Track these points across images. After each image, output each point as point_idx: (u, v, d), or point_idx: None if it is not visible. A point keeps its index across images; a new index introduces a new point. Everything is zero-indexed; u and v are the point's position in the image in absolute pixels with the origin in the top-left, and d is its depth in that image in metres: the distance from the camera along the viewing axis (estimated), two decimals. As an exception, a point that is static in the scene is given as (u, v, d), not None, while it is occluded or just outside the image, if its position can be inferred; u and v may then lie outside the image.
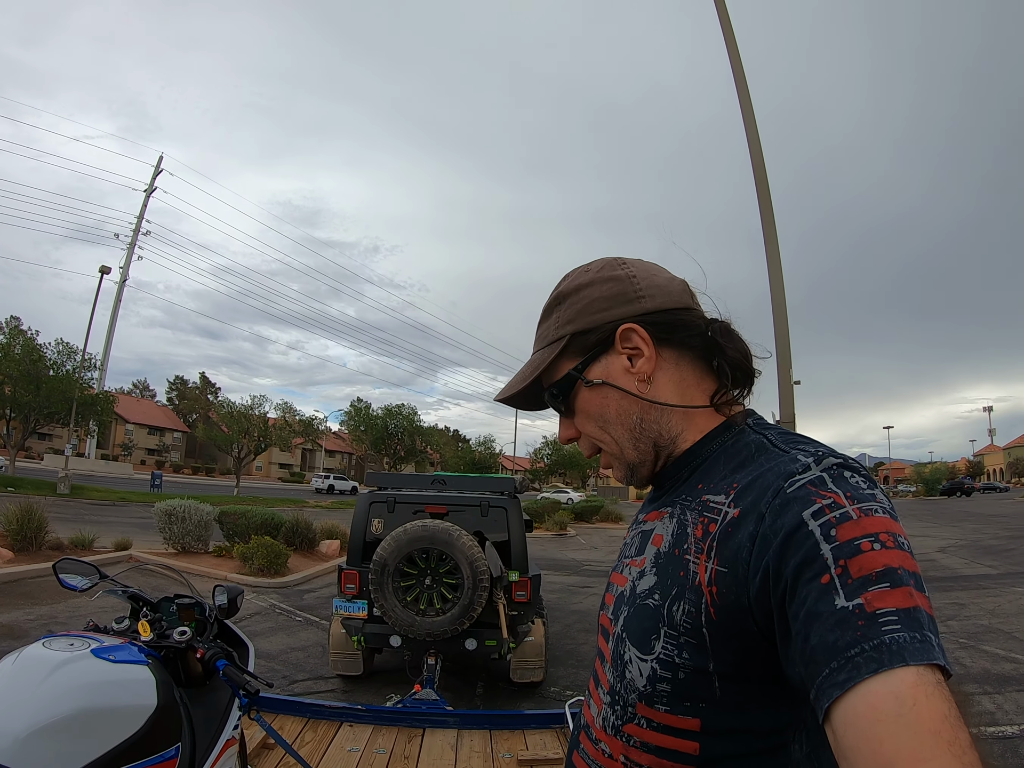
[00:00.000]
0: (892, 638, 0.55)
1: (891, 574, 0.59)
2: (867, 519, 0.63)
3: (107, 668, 1.48)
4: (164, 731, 1.50)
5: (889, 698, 0.52)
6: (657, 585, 0.80)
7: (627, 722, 0.79)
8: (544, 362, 0.90)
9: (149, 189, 50.83)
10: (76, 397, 27.59)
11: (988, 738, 4.63)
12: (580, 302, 0.89)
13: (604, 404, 0.89)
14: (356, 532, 5.55)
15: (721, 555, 0.72)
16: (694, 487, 0.84)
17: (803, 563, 0.62)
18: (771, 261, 7.47)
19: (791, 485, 0.68)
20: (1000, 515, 30.89)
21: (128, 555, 10.95)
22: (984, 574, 12.62)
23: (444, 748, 3.29)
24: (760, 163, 7.77)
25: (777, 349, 7.25)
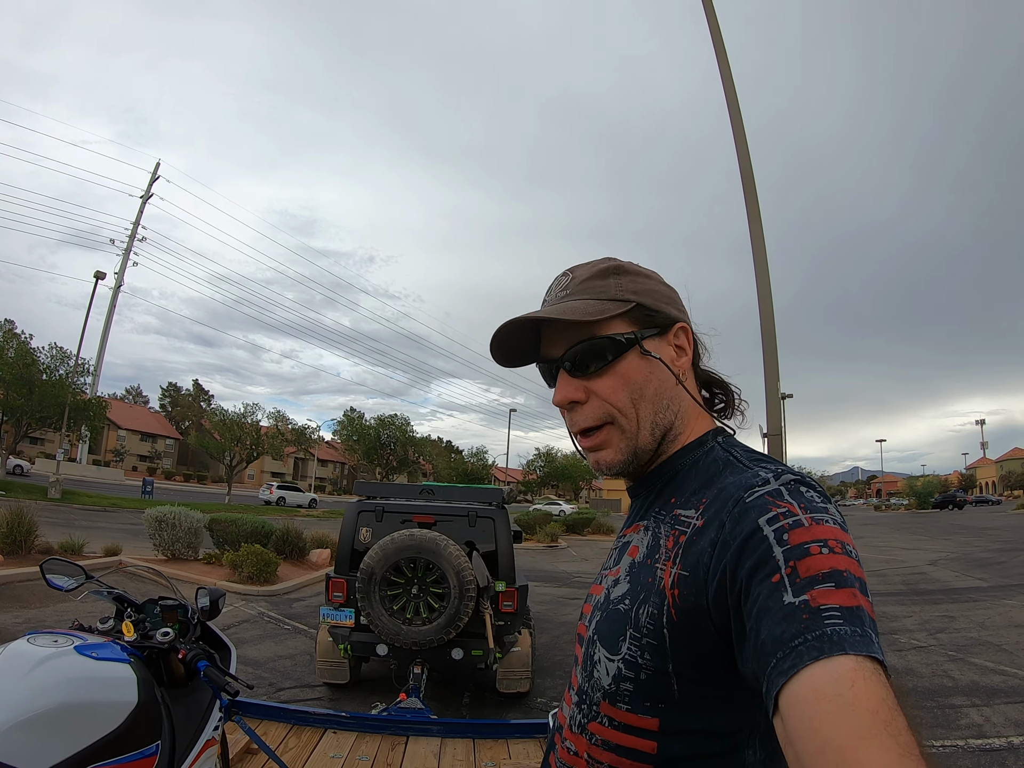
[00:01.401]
0: (834, 630, 0.58)
1: (837, 575, 0.62)
2: (818, 527, 0.67)
3: (89, 665, 1.50)
4: (144, 728, 1.52)
5: (828, 681, 0.55)
6: (629, 592, 0.84)
7: (591, 720, 0.83)
8: (611, 311, 0.88)
9: (146, 195, 50.78)
10: (68, 402, 27.47)
11: (975, 751, 4.64)
12: (645, 284, 0.93)
13: (648, 377, 0.89)
14: (344, 541, 5.55)
15: (685, 560, 0.76)
16: (667, 501, 0.88)
17: (757, 564, 0.66)
18: (759, 272, 7.49)
19: (750, 495, 0.73)
20: (992, 528, 30.91)
21: (118, 561, 10.87)
22: (975, 587, 12.66)
23: (427, 756, 3.29)
24: (749, 175, 7.81)
25: (765, 361, 7.29)
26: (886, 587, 13.00)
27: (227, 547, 11.60)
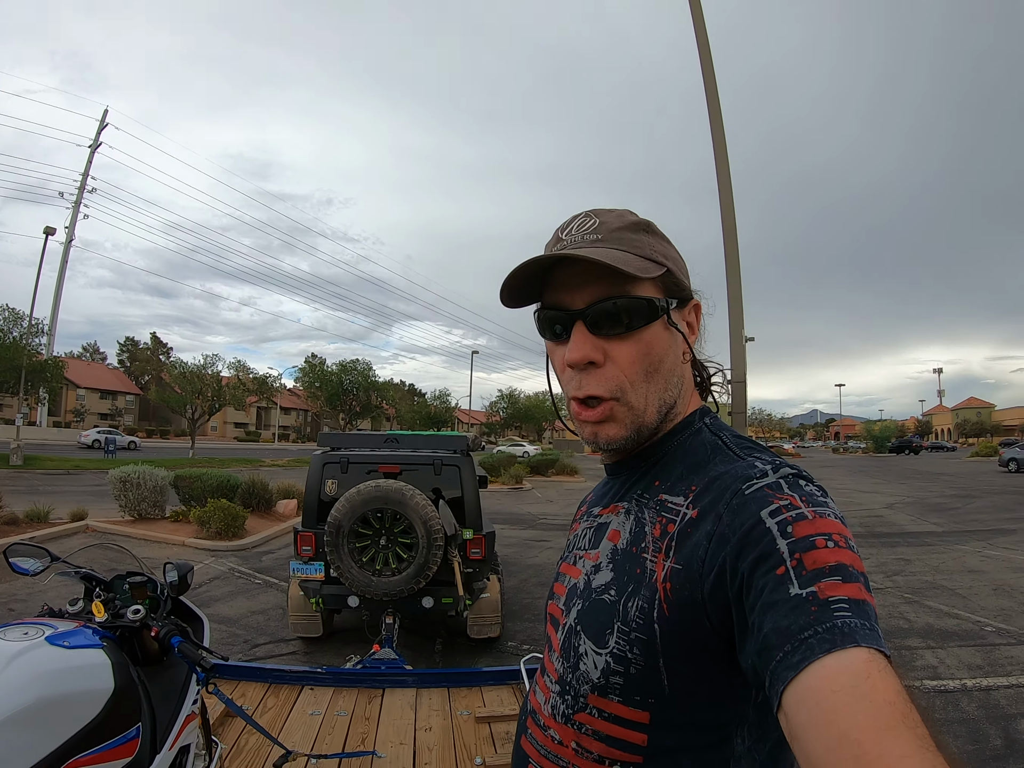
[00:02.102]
0: (844, 622, 0.57)
1: (843, 569, 0.61)
2: (821, 520, 0.66)
3: (63, 655, 1.48)
4: (123, 713, 1.52)
5: (843, 672, 0.54)
6: (614, 581, 0.81)
7: (579, 711, 0.81)
8: (649, 272, 0.81)
9: (94, 145, 48.70)
10: (24, 365, 26.75)
11: (930, 692, 4.84)
12: (671, 250, 0.88)
13: (667, 352, 0.85)
14: (310, 494, 5.53)
15: (679, 553, 0.74)
16: (651, 484, 0.86)
17: (760, 557, 0.64)
18: (725, 215, 7.45)
19: (749, 488, 0.71)
20: (946, 474, 31.89)
21: (84, 525, 10.75)
22: (929, 531, 13.01)
23: (404, 708, 3.35)
24: (717, 115, 7.67)
25: (730, 305, 7.27)
26: (844, 529, 13.42)
27: (193, 503, 11.49)
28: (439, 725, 3.18)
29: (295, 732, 3.03)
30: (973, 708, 4.55)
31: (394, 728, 3.13)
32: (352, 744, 2.97)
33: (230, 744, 2.84)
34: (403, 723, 3.19)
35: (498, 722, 3.19)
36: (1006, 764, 3.78)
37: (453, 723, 3.20)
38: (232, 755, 2.76)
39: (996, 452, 41.82)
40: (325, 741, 2.98)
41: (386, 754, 2.88)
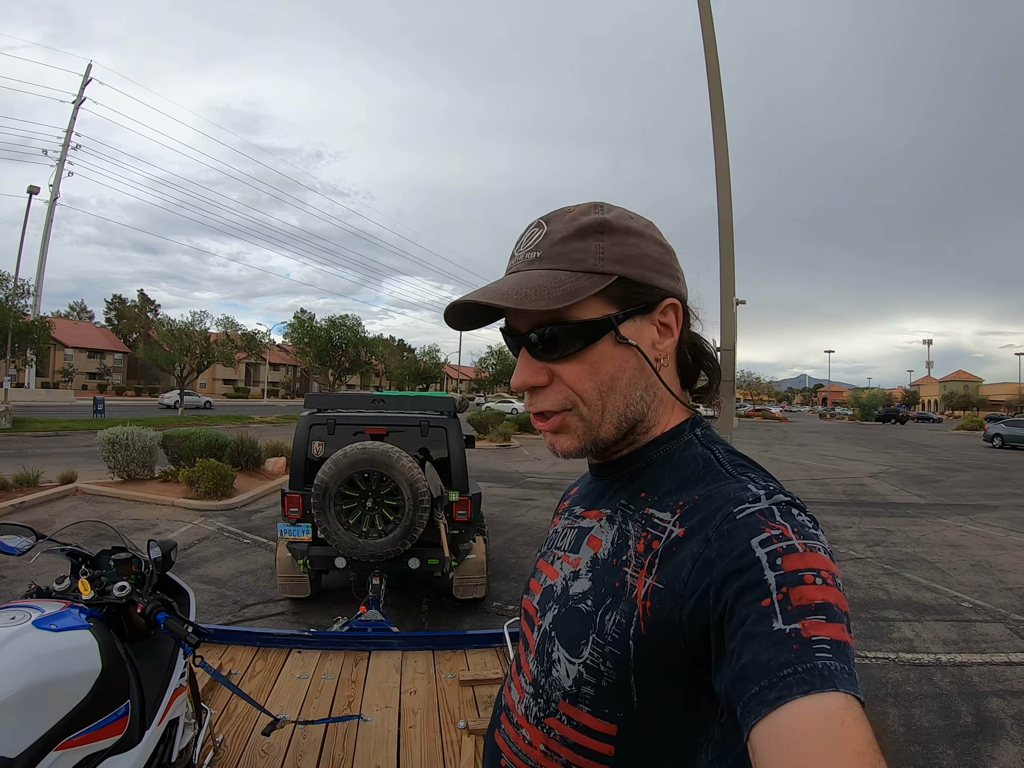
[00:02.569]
0: (825, 664, 0.56)
1: (828, 609, 0.60)
2: (811, 555, 0.64)
3: (50, 639, 1.49)
4: (112, 691, 1.54)
5: (819, 716, 0.53)
6: (591, 591, 0.80)
7: (549, 715, 0.81)
8: (582, 291, 0.76)
9: (78, 100, 47.73)
10: (11, 327, 26.47)
11: (905, 665, 4.91)
12: (632, 248, 0.80)
13: (622, 368, 0.80)
14: (297, 455, 5.54)
15: (661, 571, 0.72)
16: (637, 495, 0.83)
17: (746, 586, 0.63)
18: (720, 177, 7.31)
19: (740, 512, 0.69)
20: (931, 446, 32.13)
21: (74, 488, 10.77)
22: (912, 503, 13.12)
23: (389, 670, 3.39)
24: (716, 78, 7.53)
25: (721, 270, 7.19)
26: (828, 496, 13.61)
27: (182, 463, 11.52)
28: (424, 688, 3.22)
29: (283, 696, 3.07)
30: (946, 683, 4.63)
31: (379, 691, 3.17)
32: (339, 707, 3.00)
33: (220, 709, 2.86)
34: (388, 686, 3.22)
35: (481, 685, 3.23)
36: (975, 741, 3.85)
37: (437, 686, 3.24)
38: (222, 720, 2.79)
39: (981, 426, 42.28)
40: (312, 705, 3.01)
41: (372, 718, 2.91)
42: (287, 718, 2.70)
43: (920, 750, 3.74)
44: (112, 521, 8.99)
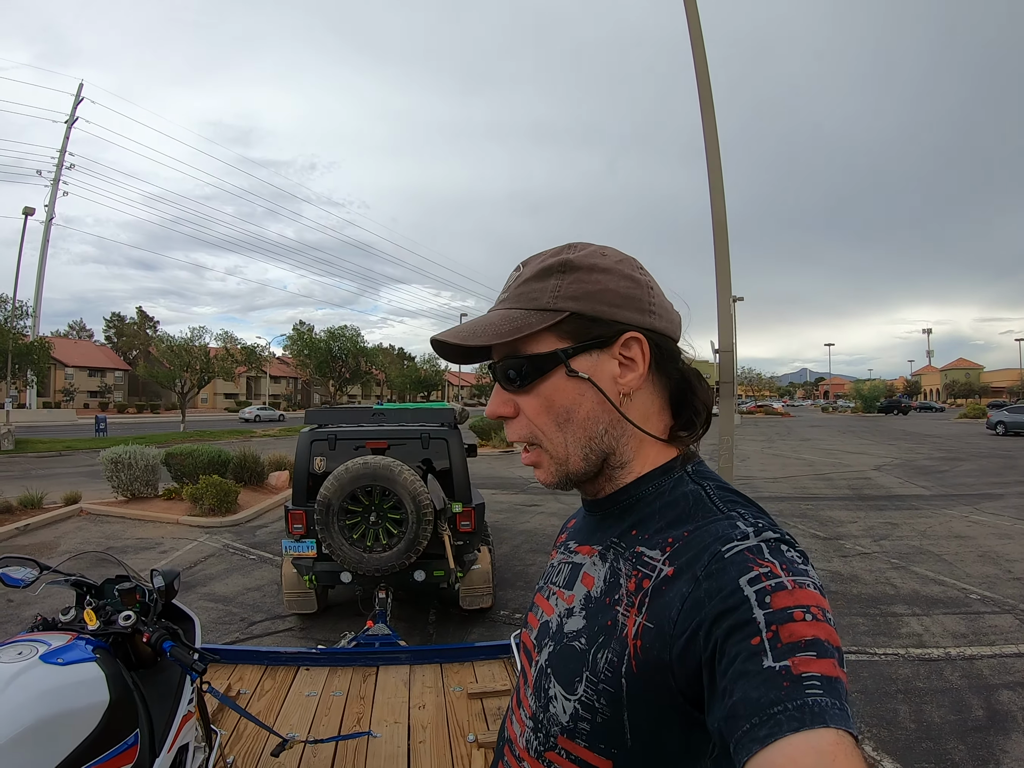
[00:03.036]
0: (815, 701, 0.56)
1: (819, 644, 0.60)
2: (801, 591, 0.64)
3: (58, 673, 1.51)
4: (121, 722, 1.55)
5: (809, 752, 0.53)
6: (585, 629, 0.81)
7: (549, 749, 0.81)
8: (530, 327, 0.80)
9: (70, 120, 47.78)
10: (10, 348, 26.47)
11: (915, 661, 4.90)
12: (591, 284, 0.81)
13: (577, 401, 0.82)
14: (299, 471, 5.54)
15: (651, 611, 0.73)
16: (628, 532, 0.83)
17: (735, 625, 0.63)
18: (712, 174, 7.27)
19: (729, 550, 0.69)
20: (935, 435, 32.01)
21: (78, 509, 10.79)
22: (917, 494, 13.05)
23: (398, 685, 3.39)
24: (704, 73, 7.49)
25: (717, 267, 7.11)
26: (833, 491, 13.60)
27: (186, 480, 11.53)
28: (432, 702, 3.22)
29: (292, 714, 3.07)
30: (956, 677, 4.62)
31: (388, 707, 3.17)
32: (348, 724, 3.00)
33: (229, 730, 2.86)
34: (397, 701, 3.23)
35: (490, 698, 3.23)
36: (988, 735, 3.84)
37: (446, 700, 3.24)
38: (232, 741, 2.79)
39: (984, 414, 42.08)
40: (322, 723, 3.01)
41: (381, 734, 2.92)
42: (296, 737, 2.71)
43: (932, 746, 3.73)
44: (117, 541, 9.06)
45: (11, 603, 6.13)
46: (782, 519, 10.35)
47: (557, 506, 11.47)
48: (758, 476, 16.20)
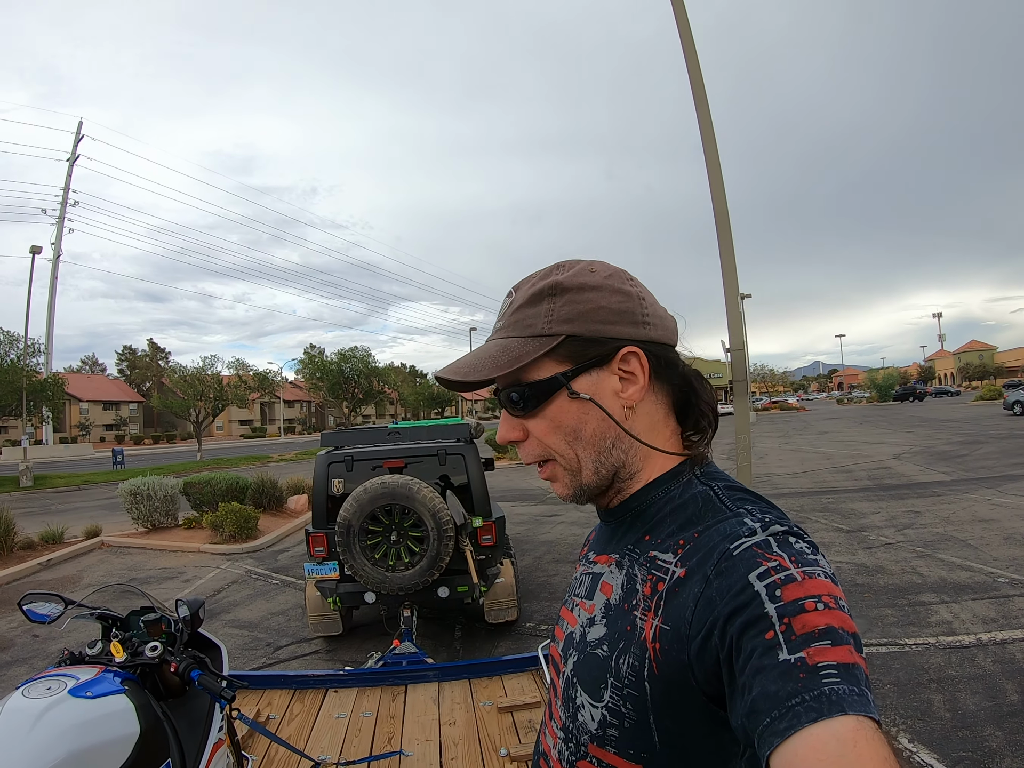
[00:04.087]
0: (832, 689, 0.56)
1: (832, 633, 0.61)
2: (811, 581, 0.65)
3: (87, 706, 1.52)
4: (152, 752, 1.57)
5: (831, 740, 0.54)
6: (606, 636, 0.82)
7: (580, 759, 0.82)
8: (527, 356, 0.81)
9: (72, 158, 48.37)
10: (24, 386, 26.73)
11: (946, 649, 4.83)
12: (583, 304, 0.82)
13: (583, 420, 0.83)
14: (318, 494, 5.57)
15: (666, 613, 0.74)
16: (641, 538, 0.85)
17: (748, 621, 0.64)
18: (711, 173, 7.26)
19: (737, 548, 0.70)
20: (952, 420, 31.66)
21: (100, 542, 10.87)
22: (939, 480, 12.89)
23: (427, 703, 3.39)
24: (697, 72, 7.46)
25: (723, 268, 7.10)
26: (853, 483, 13.48)
27: (205, 508, 11.62)
28: (462, 718, 3.22)
29: (323, 737, 3.07)
30: (989, 663, 4.56)
31: (418, 725, 3.17)
32: (379, 744, 3.01)
33: (260, 756, 2.87)
34: (427, 719, 3.23)
35: (520, 711, 3.22)
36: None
37: (476, 715, 3.24)
38: (264, 766, 2.80)
39: (1000, 395, 41.67)
40: (353, 744, 3.01)
41: (413, 752, 2.92)
42: (328, 760, 2.71)
43: (968, 735, 3.68)
44: (139, 572, 9.11)
45: (37, 638, 6.18)
46: (803, 514, 10.31)
47: (577, 515, 11.41)
48: (777, 472, 16.09)
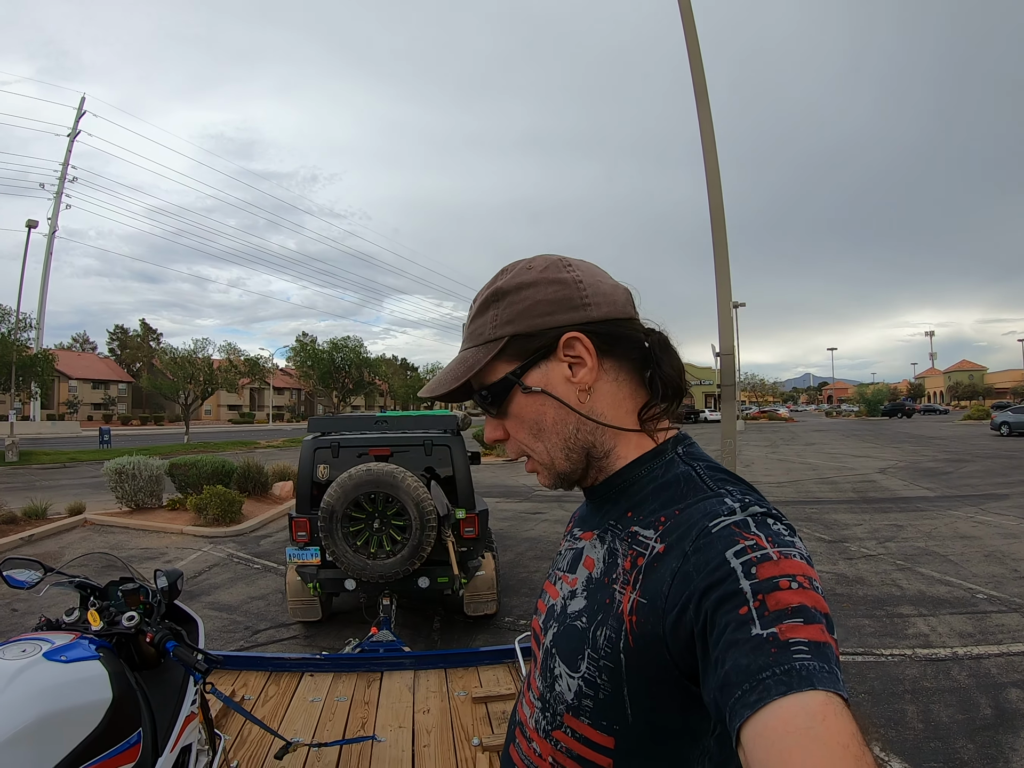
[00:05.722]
0: (802, 664, 0.57)
1: (805, 611, 0.61)
2: (786, 561, 0.66)
3: (61, 670, 1.51)
4: (123, 720, 1.55)
5: (800, 713, 0.54)
6: (585, 608, 0.84)
7: (556, 728, 0.84)
8: (478, 363, 0.86)
9: (73, 133, 48.06)
10: (14, 360, 26.53)
11: (922, 661, 4.87)
12: (521, 303, 0.85)
13: (541, 412, 0.87)
14: (303, 479, 5.56)
15: (644, 587, 0.75)
16: (624, 514, 0.86)
17: (723, 596, 0.64)
18: (710, 180, 7.30)
19: (716, 526, 0.71)
20: (939, 438, 31.92)
21: (83, 519, 10.83)
22: (922, 496, 13.02)
23: (402, 690, 3.38)
24: (700, 78, 7.49)
25: (717, 275, 7.13)
26: (837, 495, 13.57)
27: (190, 491, 11.59)
28: (437, 707, 3.21)
29: (297, 720, 3.06)
30: (964, 677, 4.60)
31: (393, 711, 3.17)
32: (352, 729, 3.00)
33: (233, 735, 2.86)
34: (402, 706, 3.22)
35: (495, 702, 3.22)
36: (996, 733, 3.81)
37: (451, 704, 3.23)
38: (236, 746, 2.79)
39: (988, 415, 41.95)
40: (326, 728, 3.00)
41: (385, 738, 2.91)
42: (300, 741, 2.70)
43: (940, 746, 3.71)
44: (121, 551, 9.06)
45: (15, 612, 6.14)
46: (787, 522, 10.32)
47: (561, 513, 11.44)
48: (763, 481, 16.15)
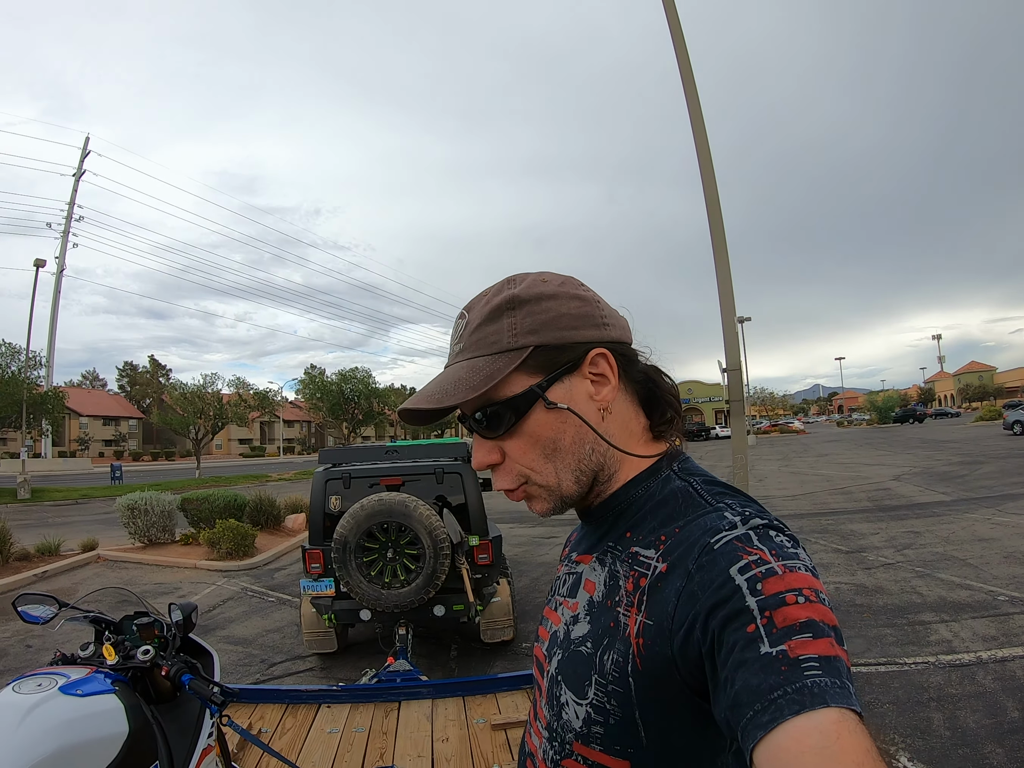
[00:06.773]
0: (814, 682, 0.56)
1: (813, 626, 0.61)
2: (791, 575, 0.65)
3: (77, 704, 1.51)
4: (140, 754, 1.55)
5: (813, 733, 0.54)
6: (590, 633, 0.82)
7: (566, 757, 0.82)
8: (500, 372, 0.79)
9: (78, 173, 48.89)
10: (25, 398, 26.73)
11: (945, 667, 4.81)
12: (544, 313, 0.81)
13: (560, 431, 0.82)
14: (315, 511, 5.57)
15: (649, 609, 0.74)
16: (623, 535, 0.84)
17: (730, 615, 0.63)
18: (709, 198, 7.34)
19: (717, 542, 0.70)
20: (952, 441, 31.62)
21: (96, 555, 10.83)
22: (938, 501, 12.87)
23: (420, 720, 3.36)
24: (694, 95, 7.57)
25: (719, 288, 7.12)
26: (852, 504, 13.43)
27: (202, 525, 11.59)
28: (456, 735, 3.19)
29: (314, 752, 3.04)
30: (989, 681, 4.53)
31: (411, 741, 3.14)
32: (371, 760, 2.98)
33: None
34: (420, 735, 3.20)
35: (514, 728, 3.19)
36: (1025, 737, 3.74)
37: (469, 732, 3.21)
38: None
39: (1000, 415, 41.51)
40: (344, 759, 2.98)
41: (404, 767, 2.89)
42: None
43: (968, 752, 3.65)
44: (135, 586, 9.06)
45: (30, 648, 6.15)
46: (802, 536, 10.21)
47: (575, 534, 11.36)
48: (776, 495, 16.03)
